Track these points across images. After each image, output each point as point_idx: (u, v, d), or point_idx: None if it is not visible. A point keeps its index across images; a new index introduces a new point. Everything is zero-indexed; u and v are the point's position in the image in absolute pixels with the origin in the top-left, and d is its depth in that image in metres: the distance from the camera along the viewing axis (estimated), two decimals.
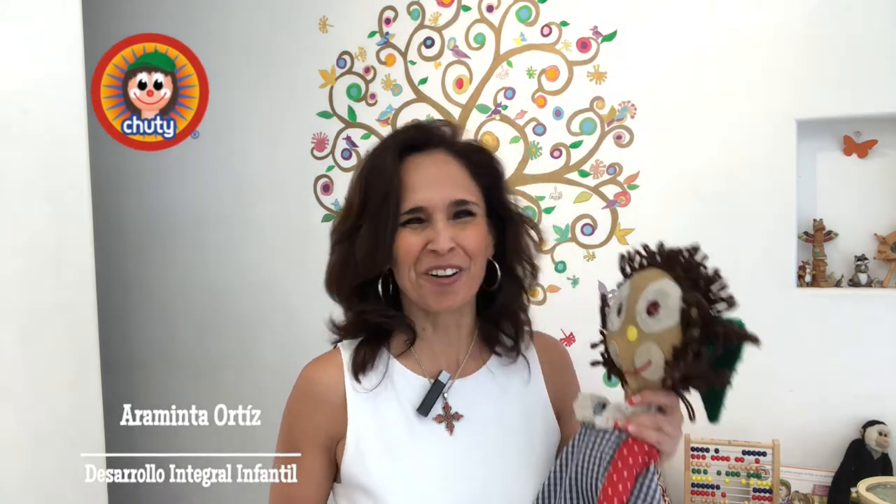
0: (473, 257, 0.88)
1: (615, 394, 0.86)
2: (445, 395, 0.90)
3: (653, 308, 0.74)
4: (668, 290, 0.74)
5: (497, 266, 0.94)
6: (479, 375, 0.94)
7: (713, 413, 0.78)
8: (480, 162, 0.93)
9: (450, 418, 0.89)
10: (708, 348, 0.72)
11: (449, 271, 0.87)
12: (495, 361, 0.96)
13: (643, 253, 0.81)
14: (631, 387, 0.80)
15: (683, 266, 0.75)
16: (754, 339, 0.75)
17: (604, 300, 0.87)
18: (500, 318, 0.96)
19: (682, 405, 0.78)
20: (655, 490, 0.74)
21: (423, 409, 0.88)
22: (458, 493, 0.84)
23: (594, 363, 0.88)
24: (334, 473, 0.91)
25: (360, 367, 0.90)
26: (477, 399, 0.92)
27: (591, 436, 0.81)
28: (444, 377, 0.90)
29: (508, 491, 0.86)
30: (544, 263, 2.56)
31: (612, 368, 0.85)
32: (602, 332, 0.85)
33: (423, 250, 0.87)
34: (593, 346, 0.88)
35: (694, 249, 0.76)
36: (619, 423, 0.78)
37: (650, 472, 0.74)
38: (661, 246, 0.79)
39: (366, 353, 0.90)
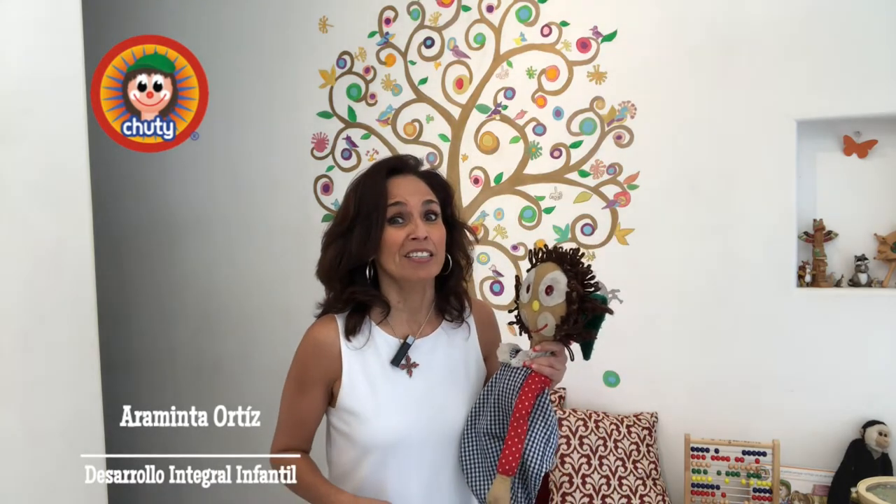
0: (438, 246, 1.23)
1: (523, 343, 1.23)
2: (409, 351, 1.26)
3: (549, 290, 1.11)
4: (558, 278, 1.11)
5: (449, 258, 1.29)
6: (433, 336, 1.30)
7: (586, 354, 1.16)
8: (437, 183, 1.29)
9: (410, 367, 1.26)
10: (582, 316, 1.08)
11: (424, 254, 1.21)
12: (446, 326, 1.33)
13: (543, 250, 1.19)
14: (534, 340, 1.18)
15: (569, 262, 1.12)
16: (610, 311, 1.09)
17: (517, 280, 1.23)
18: (449, 295, 1.32)
19: (566, 351, 1.15)
20: (548, 404, 1.14)
21: (395, 361, 1.25)
22: (418, 414, 1.23)
23: (510, 323, 1.26)
24: (328, 401, 1.27)
25: (351, 331, 1.25)
26: (430, 353, 1.28)
27: (508, 371, 1.18)
28: (410, 340, 1.27)
29: (446, 412, 1.24)
30: None
31: (522, 326, 1.21)
32: (516, 302, 1.22)
33: (406, 240, 1.20)
34: (510, 310, 1.25)
35: (576, 250, 1.14)
36: (526, 362, 1.15)
37: (545, 394, 1.14)
38: (556, 246, 1.17)
39: (354, 322, 1.25)
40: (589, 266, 1.12)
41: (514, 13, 2.56)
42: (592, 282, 1.10)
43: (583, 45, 2.49)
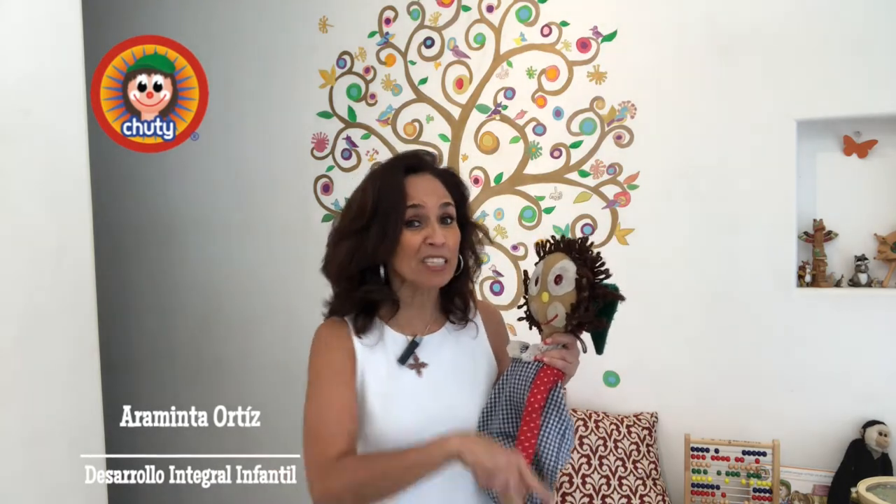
0: (453, 251, 1.23)
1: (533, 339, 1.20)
2: (416, 350, 1.25)
3: (558, 279, 1.10)
4: (567, 267, 1.09)
5: (460, 258, 1.27)
6: (439, 334, 1.29)
7: (599, 348, 1.13)
8: (453, 182, 1.27)
9: (418, 366, 1.24)
10: (594, 303, 1.07)
11: (440, 261, 1.20)
12: (450, 325, 1.32)
13: (551, 241, 1.17)
14: (545, 332, 1.16)
15: (577, 250, 1.11)
16: (622, 298, 1.07)
17: (525, 276, 1.23)
18: (454, 295, 1.30)
19: (578, 343, 1.13)
20: (562, 398, 1.11)
21: (402, 360, 1.24)
22: (425, 412, 1.20)
23: (520, 318, 1.22)
24: None
25: (362, 330, 1.24)
26: (438, 351, 1.27)
27: (519, 367, 1.16)
28: (418, 339, 1.26)
29: (457, 410, 1.22)
30: None
31: (532, 321, 1.20)
32: (524, 297, 1.21)
33: (423, 244, 1.18)
34: (519, 306, 1.22)
35: (584, 239, 1.13)
36: (537, 357, 1.13)
37: (558, 387, 1.12)
38: (563, 236, 1.16)
39: (363, 323, 1.24)
40: (598, 253, 1.10)
41: (514, 13, 2.56)
42: (602, 269, 1.08)
43: (583, 45, 2.49)
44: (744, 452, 2.27)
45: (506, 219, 2.61)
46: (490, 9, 2.60)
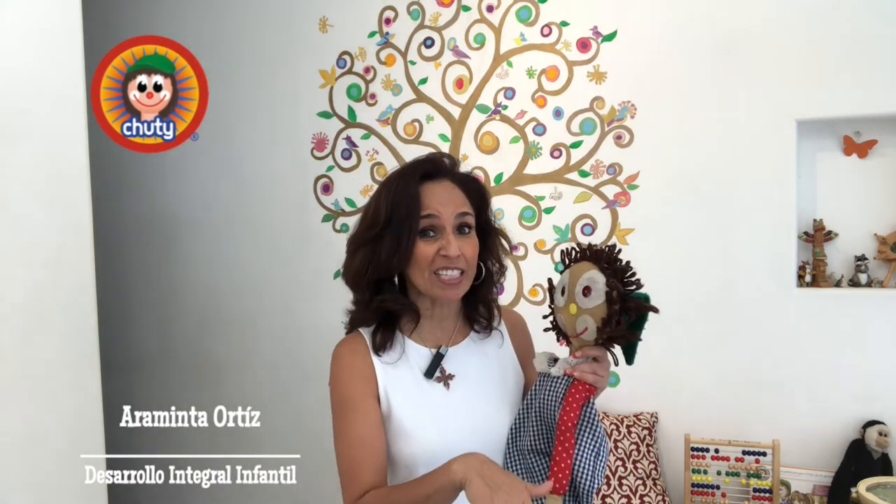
0: (470, 262, 1.17)
1: (561, 352, 1.16)
2: (442, 362, 1.21)
3: (586, 291, 1.04)
4: (596, 278, 1.03)
5: (482, 265, 1.22)
6: (464, 345, 1.25)
7: (629, 359, 1.08)
8: (473, 188, 1.22)
9: (446, 379, 1.20)
10: (624, 317, 1.02)
11: (455, 273, 1.15)
12: (474, 335, 1.27)
13: (577, 249, 1.11)
14: (574, 346, 1.10)
15: (605, 260, 1.04)
16: (655, 309, 1.02)
17: (550, 284, 1.17)
18: (478, 303, 1.26)
19: (609, 356, 1.08)
20: (595, 414, 1.06)
21: (428, 373, 1.19)
22: (455, 427, 1.16)
23: (546, 329, 1.17)
24: None
25: (381, 347, 1.19)
26: (464, 362, 1.23)
27: (548, 381, 1.11)
28: (443, 350, 1.21)
29: (490, 422, 1.18)
30: (544, 263, 2.57)
31: (559, 333, 1.14)
32: (550, 308, 1.15)
33: (436, 255, 1.14)
34: (545, 317, 1.16)
35: (612, 247, 1.06)
36: (567, 371, 1.07)
37: (591, 402, 1.07)
38: (590, 245, 1.10)
39: (384, 337, 1.19)
40: (628, 263, 1.04)
41: (514, 13, 2.56)
42: (633, 279, 1.03)
43: (583, 45, 2.49)
44: (744, 452, 2.27)
45: (506, 219, 2.61)
46: (490, 9, 2.60)
